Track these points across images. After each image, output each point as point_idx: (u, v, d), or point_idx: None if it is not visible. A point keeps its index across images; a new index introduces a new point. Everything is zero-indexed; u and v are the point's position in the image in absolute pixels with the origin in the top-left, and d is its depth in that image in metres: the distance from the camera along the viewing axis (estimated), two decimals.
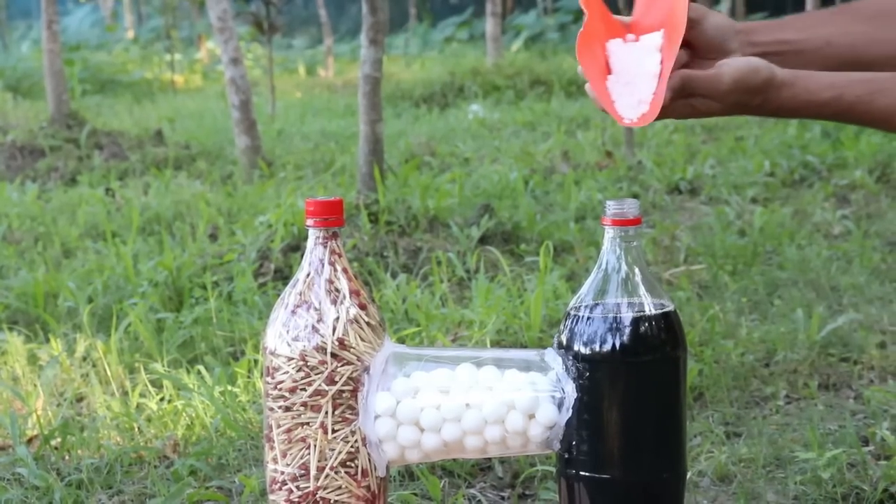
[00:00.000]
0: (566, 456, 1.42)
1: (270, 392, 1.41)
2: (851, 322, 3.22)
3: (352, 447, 1.40)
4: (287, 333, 1.40)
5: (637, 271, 1.42)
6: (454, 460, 2.29)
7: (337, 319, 1.39)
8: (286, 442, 1.40)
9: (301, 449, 1.40)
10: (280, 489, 1.41)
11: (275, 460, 1.41)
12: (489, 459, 2.34)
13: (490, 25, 12.77)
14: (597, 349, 1.39)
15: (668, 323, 1.42)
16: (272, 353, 1.41)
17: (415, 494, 2.20)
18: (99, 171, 6.45)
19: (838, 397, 2.78)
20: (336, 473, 1.40)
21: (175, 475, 2.32)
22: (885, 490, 2.15)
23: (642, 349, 1.40)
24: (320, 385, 1.38)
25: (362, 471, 1.41)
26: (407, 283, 3.57)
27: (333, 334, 1.39)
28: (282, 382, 1.39)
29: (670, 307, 1.43)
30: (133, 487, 2.32)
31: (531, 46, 15.22)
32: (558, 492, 1.47)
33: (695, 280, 3.78)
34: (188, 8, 17.02)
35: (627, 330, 1.40)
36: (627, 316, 1.40)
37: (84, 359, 3.11)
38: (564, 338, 1.42)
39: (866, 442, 2.43)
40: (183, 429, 2.59)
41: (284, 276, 3.73)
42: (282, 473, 1.41)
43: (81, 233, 4.72)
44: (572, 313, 1.43)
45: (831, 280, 3.74)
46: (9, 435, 2.53)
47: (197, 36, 16.93)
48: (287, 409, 1.39)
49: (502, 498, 2.25)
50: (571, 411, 1.40)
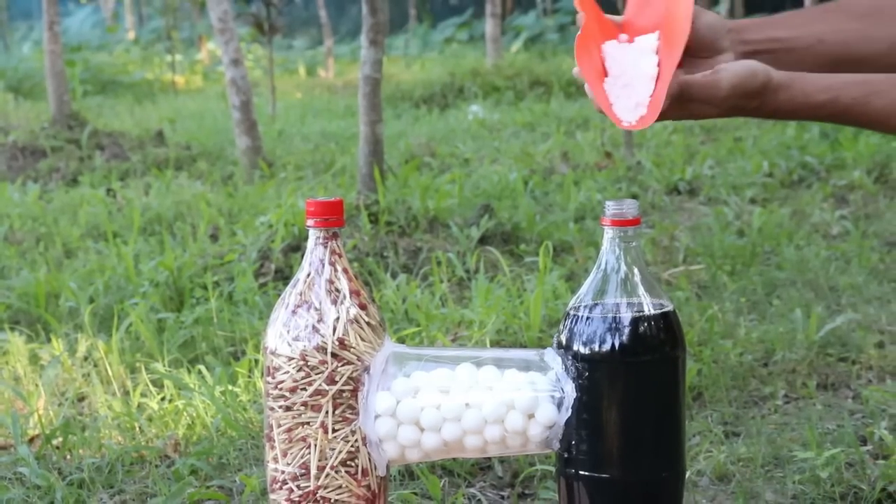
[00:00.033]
0: (565, 455, 1.42)
1: (271, 392, 1.41)
2: (850, 322, 3.23)
3: (352, 446, 1.40)
4: (288, 333, 1.40)
5: (636, 271, 1.42)
6: (454, 460, 2.29)
7: (337, 319, 1.39)
8: (287, 441, 1.40)
9: (301, 448, 1.40)
10: (281, 488, 1.42)
11: (275, 459, 1.41)
12: (489, 459, 2.34)
13: (490, 26, 12.77)
14: (596, 349, 1.39)
15: (667, 323, 1.41)
16: (273, 353, 1.41)
17: (415, 493, 2.20)
18: (100, 172, 6.45)
19: (836, 397, 2.78)
20: (336, 473, 1.40)
21: (176, 474, 2.33)
22: (884, 489, 2.15)
23: (641, 349, 1.40)
24: (321, 385, 1.38)
25: (362, 470, 1.41)
26: (407, 284, 3.57)
27: (334, 334, 1.39)
28: (282, 382, 1.39)
29: (669, 307, 1.43)
30: (134, 487, 2.32)
31: (531, 47, 15.22)
32: (558, 491, 1.47)
33: (694, 280, 3.78)
34: (189, 9, 17.02)
35: (627, 330, 1.40)
36: (627, 316, 1.40)
37: (85, 358, 3.11)
38: (564, 338, 1.42)
39: (864, 441, 2.43)
40: (184, 428, 2.59)
41: (285, 277, 3.73)
42: (282, 473, 1.41)
43: (83, 233, 4.72)
44: (572, 313, 1.43)
45: (830, 280, 3.74)
46: (10, 434, 2.53)
47: (198, 37, 16.93)
48: (287, 409, 1.39)
49: (502, 497, 2.25)
50: (571, 411, 1.40)
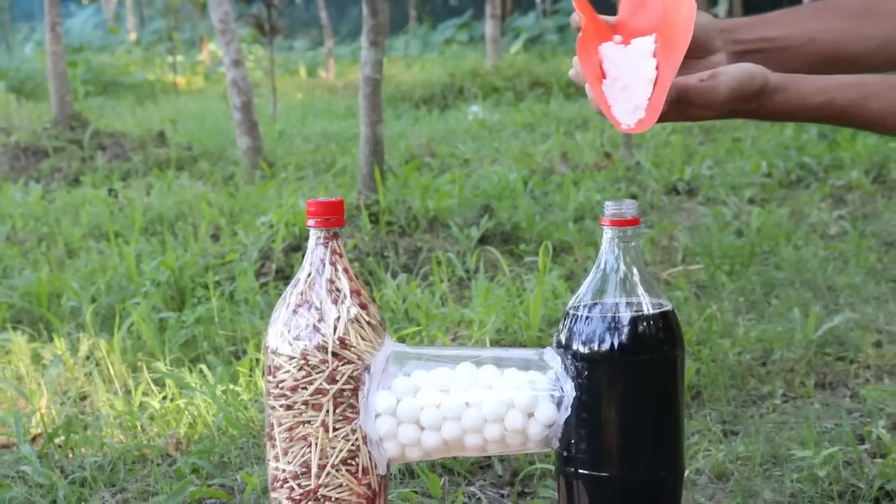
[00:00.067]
0: (565, 454, 1.42)
1: (272, 391, 1.41)
2: (848, 321, 3.23)
3: (353, 445, 1.40)
4: (288, 333, 1.40)
5: (635, 271, 1.42)
6: (454, 458, 2.29)
7: (338, 319, 1.39)
8: (288, 440, 1.40)
9: (302, 447, 1.40)
10: (281, 487, 1.42)
11: (276, 458, 1.41)
12: (489, 457, 2.34)
13: (489, 27, 12.77)
14: (595, 348, 1.39)
15: (666, 322, 1.41)
16: (274, 353, 1.41)
17: (415, 492, 2.20)
18: (102, 172, 6.45)
19: (834, 396, 2.78)
20: (337, 471, 1.40)
21: (178, 473, 2.33)
22: (881, 488, 2.15)
23: (640, 348, 1.40)
24: (321, 384, 1.38)
25: (363, 469, 1.41)
26: (407, 283, 3.57)
27: (334, 333, 1.39)
28: (283, 381, 1.39)
29: (668, 307, 1.43)
30: (136, 485, 2.32)
31: (530, 48, 15.23)
32: (557, 490, 1.47)
33: (692, 280, 3.78)
34: (190, 10, 17.02)
35: (626, 329, 1.40)
36: (626, 315, 1.40)
37: (87, 358, 3.11)
38: (563, 337, 1.42)
39: (862, 440, 2.43)
40: (185, 427, 2.59)
41: (286, 276, 3.73)
42: (283, 471, 1.41)
43: (85, 233, 4.72)
44: (571, 313, 1.43)
45: (828, 280, 3.74)
46: (13, 433, 2.53)
47: (199, 38, 16.94)
48: (288, 408, 1.39)
49: (502, 496, 2.25)
50: (570, 410, 1.40)
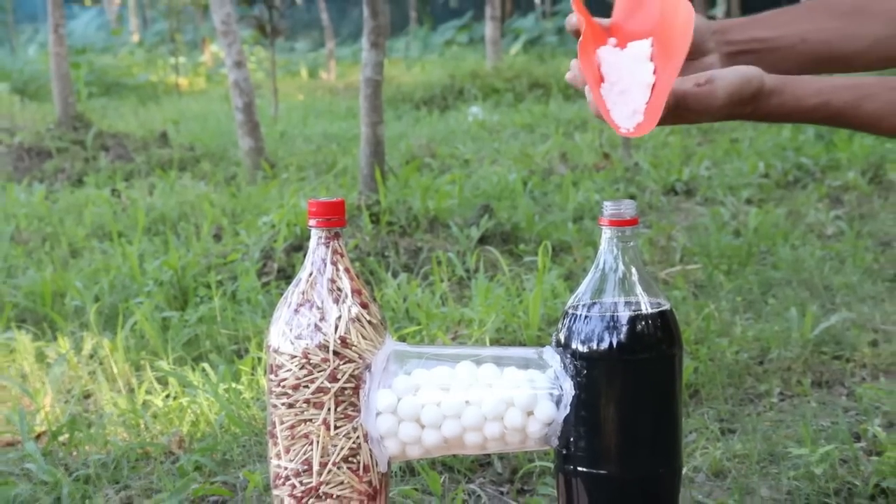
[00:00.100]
0: (564, 452, 1.42)
1: (274, 389, 1.41)
2: (844, 321, 3.23)
3: (354, 443, 1.40)
4: (290, 332, 1.40)
5: (634, 271, 1.42)
6: (454, 456, 2.29)
7: (339, 318, 1.39)
8: (289, 438, 1.40)
9: (304, 445, 1.40)
10: (283, 484, 1.42)
11: (278, 456, 1.42)
12: (488, 455, 2.35)
13: (489, 29, 12.77)
14: (594, 347, 1.40)
15: (665, 321, 1.42)
16: (275, 351, 1.41)
17: (416, 489, 2.21)
18: (105, 173, 6.46)
19: (831, 394, 2.78)
20: (338, 469, 1.40)
21: (180, 470, 2.33)
22: (877, 485, 2.15)
23: (639, 347, 1.40)
24: (323, 382, 1.39)
25: (364, 466, 1.41)
26: (408, 283, 3.57)
27: (336, 332, 1.39)
28: (285, 380, 1.40)
29: (666, 306, 1.43)
30: (139, 482, 2.32)
31: (530, 50, 15.23)
32: (556, 487, 1.47)
33: (690, 279, 3.78)
34: (192, 12, 17.02)
35: (624, 328, 1.40)
36: (624, 315, 1.40)
37: (91, 356, 3.12)
38: (562, 336, 1.42)
39: (858, 438, 2.44)
40: (188, 425, 2.59)
41: (287, 276, 3.73)
42: (285, 469, 1.41)
43: (88, 233, 4.72)
44: (570, 312, 1.43)
45: (824, 279, 3.75)
46: (18, 431, 2.54)
47: (201, 39, 16.93)
48: (290, 406, 1.40)
49: (501, 493, 2.26)
50: (569, 408, 1.40)
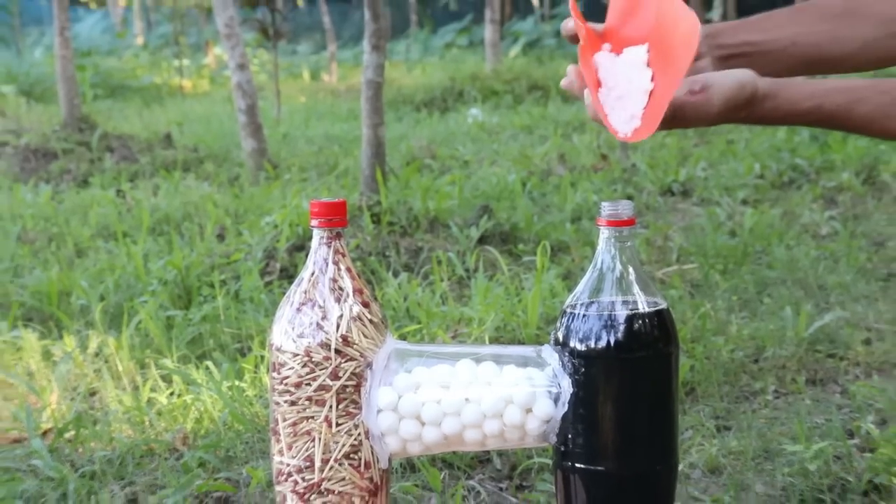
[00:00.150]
0: (562, 449, 1.42)
1: (276, 387, 1.41)
2: (838, 319, 3.23)
3: (355, 440, 1.40)
4: (292, 330, 1.40)
5: (631, 270, 1.42)
6: (454, 453, 2.29)
7: (341, 317, 1.39)
8: (292, 435, 1.40)
9: (306, 442, 1.40)
10: (286, 480, 1.42)
11: (281, 453, 1.42)
12: (488, 452, 2.35)
13: (489, 32, 12.77)
14: (592, 346, 1.40)
15: (661, 320, 1.42)
16: (278, 350, 1.41)
17: (416, 485, 2.21)
18: (110, 174, 6.46)
19: (825, 392, 2.78)
20: (340, 465, 1.40)
21: (185, 467, 2.33)
22: (870, 481, 2.15)
23: (636, 346, 1.40)
24: (324, 380, 1.39)
25: (365, 463, 1.41)
26: (408, 282, 3.57)
27: (337, 331, 1.39)
28: (287, 378, 1.40)
29: (663, 305, 1.43)
30: (144, 479, 2.32)
31: (529, 52, 15.24)
32: (554, 483, 1.47)
33: (687, 279, 3.78)
34: (196, 15, 17.03)
35: (622, 327, 1.40)
36: (622, 313, 1.40)
37: (96, 355, 3.12)
38: (561, 335, 1.42)
39: (851, 435, 2.44)
40: (192, 422, 2.59)
41: (290, 275, 3.73)
42: (287, 465, 1.41)
43: (93, 233, 4.72)
44: (568, 311, 1.43)
45: (819, 279, 3.75)
46: (25, 428, 2.54)
47: (204, 42, 16.94)
48: (292, 404, 1.40)
49: (500, 489, 2.26)
50: (567, 406, 1.40)
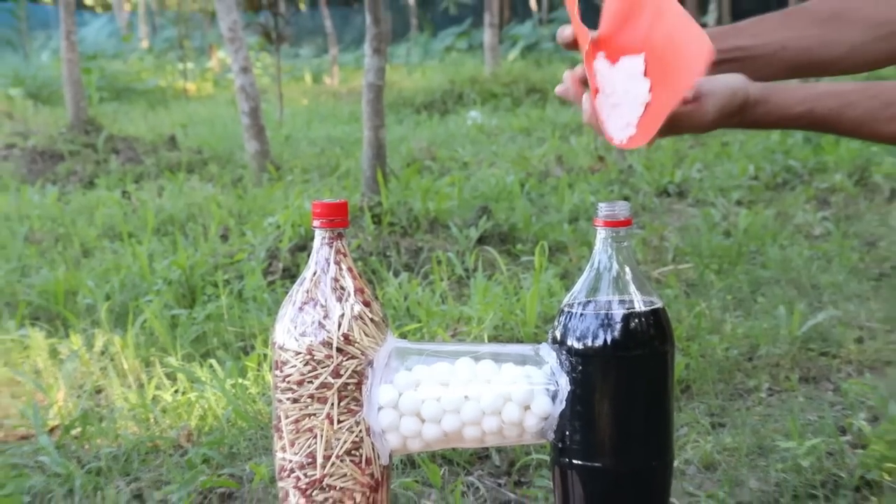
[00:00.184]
0: (560, 445, 1.42)
1: (279, 384, 1.41)
2: (830, 318, 3.23)
3: (356, 437, 1.40)
4: (295, 329, 1.40)
5: (627, 270, 1.42)
6: (454, 449, 2.29)
7: (342, 316, 1.39)
8: (294, 432, 1.40)
9: (308, 438, 1.40)
10: (288, 476, 1.42)
11: (283, 449, 1.42)
12: (487, 448, 2.35)
13: (488, 36, 12.78)
14: (589, 344, 1.40)
15: (657, 319, 1.42)
16: (281, 348, 1.41)
17: (416, 481, 2.21)
18: (115, 175, 6.46)
19: (818, 390, 2.78)
20: (341, 461, 1.40)
21: (189, 463, 2.33)
22: (862, 477, 2.15)
23: (632, 344, 1.40)
24: (326, 378, 1.39)
25: (366, 459, 1.41)
26: (408, 282, 3.57)
27: (339, 330, 1.39)
28: (290, 375, 1.40)
29: (659, 304, 1.43)
30: (149, 475, 2.32)
31: (527, 56, 15.25)
32: (552, 479, 1.47)
33: (682, 278, 3.78)
34: (200, 19, 17.03)
35: (618, 326, 1.40)
36: (618, 312, 1.40)
37: (102, 353, 3.12)
38: (558, 333, 1.43)
39: (844, 432, 2.44)
40: (196, 419, 2.59)
41: (292, 275, 3.73)
42: (290, 461, 1.41)
43: (99, 233, 4.72)
44: (566, 310, 1.43)
45: (812, 278, 3.75)
46: (32, 425, 2.54)
47: (208, 46, 16.95)
48: (295, 401, 1.40)
49: (499, 485, 2.26)
50: (565, 403, 1.40)
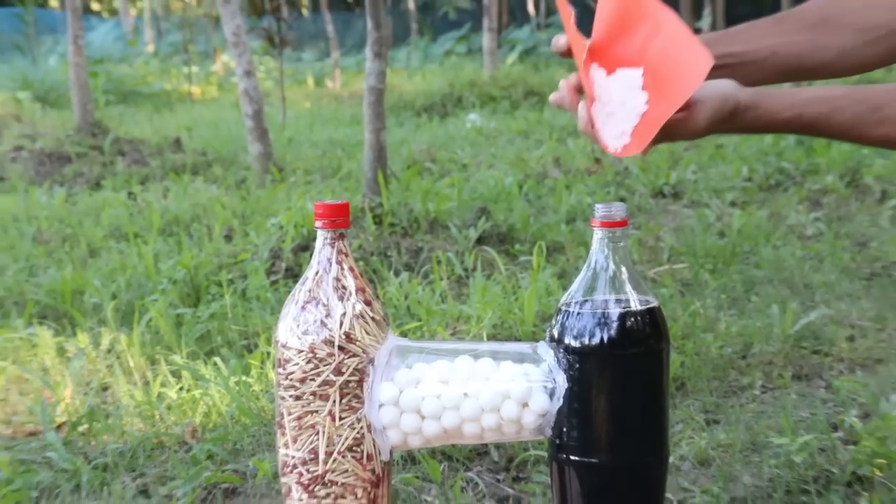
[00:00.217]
0: (557, 442, 1.42)
1: (282, 382, 1.41)
2: (823, 317, 3.23)
3: (358, 433, 1.40)
4: (297, 328, 1.40)
5: (624, 270, 1.42)
6: (453, 446, 2.29)
7: (344, 315, 1.39)
8: (296, 428, 1.40)
9: (310, 435, 1.40)
10: (291, 472, 1.42)
11: (286, 445, 1.42)
12: (486, 445, 2.35)
13: (487, 40, 12.78)
14: (586, 342, 1.40)
15: (653, 318, 1.42)
16: (283, 346, 1.41)
17: (416, 477, 2.21)
18: (122, 177, 6.46)
19: (810, 387, 2.78)
20: (343, 458, 1.40)
21: (193, 459, 2.33)
22: (853, 473, 2.15)
23: (628, 342, 1.40)
24: (328, 376, 1.39)
25: (367, 455, 1.41)
26: (409, 281, 3.57)
27: (340, 328, 1.39)
28: (292, 373, 1.40)
29: (654, 303, 1.43)
30: (155, 470, 2.32)
31: (525, 59, 15.25)
32: (550, 475, 1.47)
33: (677, 278, 3.78)
34: (205, 23, 17.04)
35: (614, 324, 1.40)
36: (614, 311, 1.40)
37: (108, 351, 3.12)
38: (556, 332, 1.42)
39: (836, 428, 2.44)
40: (201, 416, 2.59)
41: (295, 275, 3.73)
42: (292, 458, 1.41)
43: (106, 234, 4.72)
44: (563, 309, 1.43)
45: (804, 278, 3.75)
46: (40, 421, 2.54)
47: (213, 50, 16.95)
48: (297, 398, 1.40)
49: (498, 480, 2.26)
50: (562, 400, 1.40)
